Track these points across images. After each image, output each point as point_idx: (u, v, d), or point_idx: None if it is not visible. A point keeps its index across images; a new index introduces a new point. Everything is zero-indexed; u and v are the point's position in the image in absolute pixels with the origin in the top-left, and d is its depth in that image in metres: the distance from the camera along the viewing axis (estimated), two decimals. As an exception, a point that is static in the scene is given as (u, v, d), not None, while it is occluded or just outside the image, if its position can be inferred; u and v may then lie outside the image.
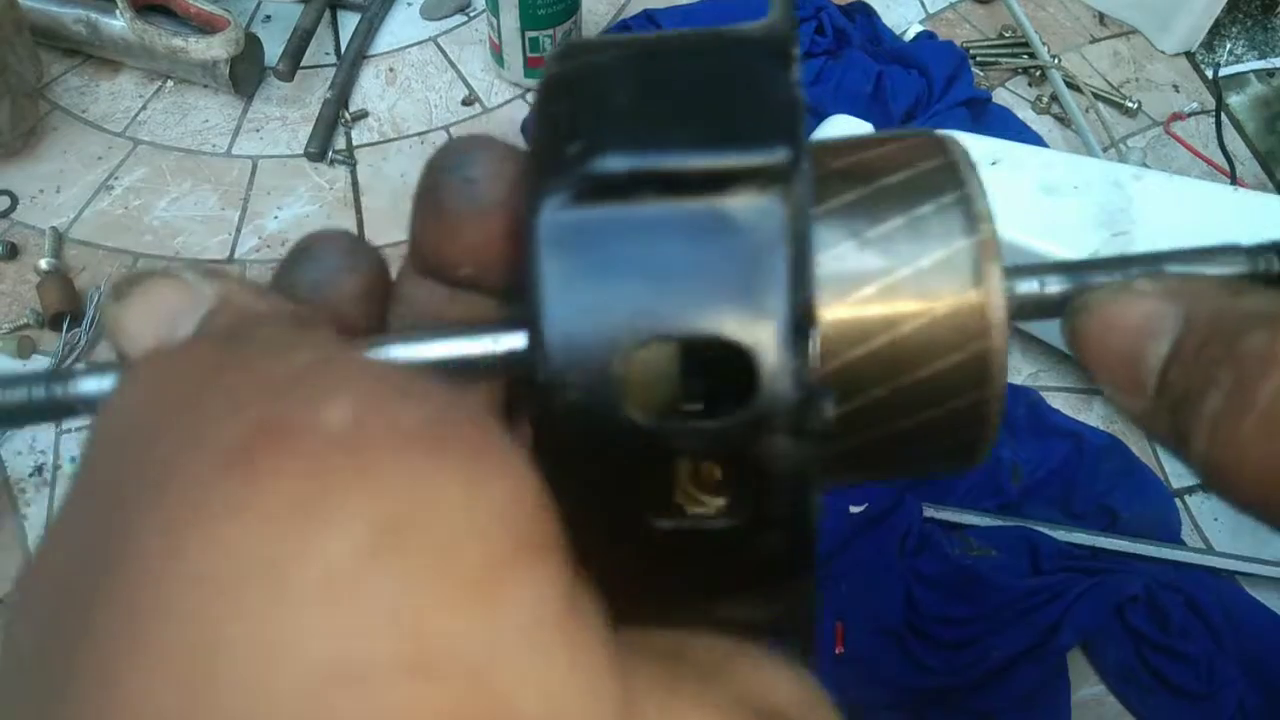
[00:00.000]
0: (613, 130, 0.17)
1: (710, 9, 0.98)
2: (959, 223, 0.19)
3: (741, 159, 0.16)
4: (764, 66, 0.18)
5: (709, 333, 0.16)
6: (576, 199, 0.16)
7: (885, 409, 0.19)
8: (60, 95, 0.99)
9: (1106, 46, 1.06)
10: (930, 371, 0.19)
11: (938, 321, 0.19)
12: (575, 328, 0.16)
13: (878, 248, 0.19)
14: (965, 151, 0.20)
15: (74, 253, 0.88)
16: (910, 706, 0.66)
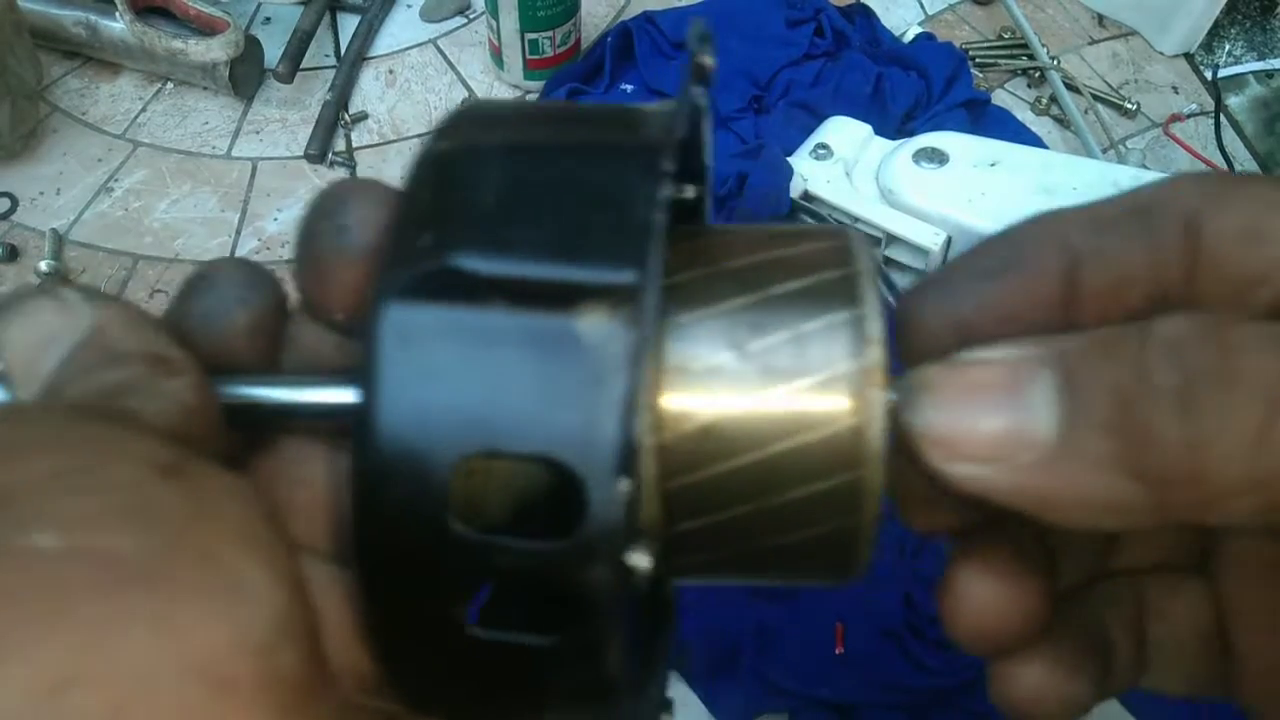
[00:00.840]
0: (470, 228, 0.16)
1: (709, 9, 0.98)
2: (845, 345, 0.18)
3: (591, 276, 0.16)
4: (633, 179, 0.17)
5: (540, 455, 0.15)
6: (424, 294, 0.16)
7: (748, 526, 0.19)
8: (60, 97, 0.99)
9: (1105, 48, 1.06)
10: (798, 495, 0.18)
11: (810, 446, 0.18)
12: (407, 429, 0.15)
13: (757, 361, 0.18)
14: (873, 262, 0.20)
15: (74, 255, 0.88)
16: (910, 706, 0.66)
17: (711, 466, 0.18)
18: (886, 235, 0.80)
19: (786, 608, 0.68)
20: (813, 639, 0.67)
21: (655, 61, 0.95)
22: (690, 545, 0.19)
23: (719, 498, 0.18)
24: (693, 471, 0.18)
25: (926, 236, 0.78)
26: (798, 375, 0.18)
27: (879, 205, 0.80)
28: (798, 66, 0.94)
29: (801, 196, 0.82)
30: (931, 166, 0.79)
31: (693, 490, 0.18)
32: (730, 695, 0.67)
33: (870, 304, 0.18)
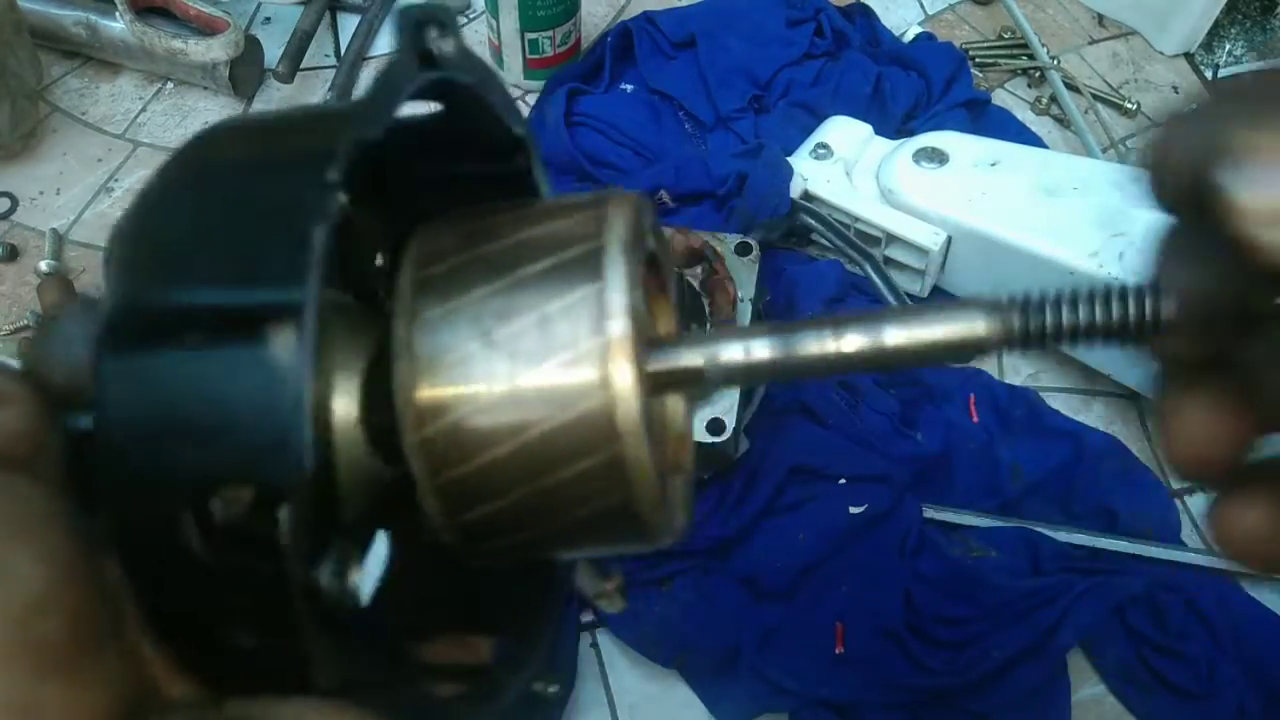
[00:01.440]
0: (156, 269, 0.17)
1: (709, 10, 0.98)
2: (587, 321, 0.18)
3: (273, 297, 0.16)
4: (305, 193, 0.17)
5: (247, 480, 0.16)
6: (131, 342, 0.17)
7: (530, 509, 0.19)
8: (60, 97, 0.99)
9: (1105, 48, 1.06)
10: (566, 475, 0.18)
11: (565, 426, 0.18)
12: (139, 478, 0.16)
13: (504, 349, 0.18)
14: (629, 227, 0.19)
15: (74, 254, 0.88)
16: (910, 706, 0.66)
17: (477, 457, 0.18)
18: (886, 235, 0.80)
19: (786, 608, 0.68)
20: (813, 639, 0.67)
21: (655, 61, 0.95)
22: (483, 532, 0.20)
23: (492, 486, 0.19)
24: (461, 463, 0.19)
25: (926, 236, 0.78)
26: (545, 358, 0.18)
27: (879, 205, 0.80)
28: (798, 66, 0.94)
29: (801, 196, 0.82)
30: (931, 166, 0.79)
31: (465, 481, 0.19)
32: (730, 695, 0.67)
33: (614, 275, 0.18)
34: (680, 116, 0.92)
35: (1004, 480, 0.75)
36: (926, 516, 0.72)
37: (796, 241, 0.86)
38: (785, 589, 0.68)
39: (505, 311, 0.18)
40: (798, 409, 0.74)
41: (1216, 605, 0.70)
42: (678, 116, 0.92)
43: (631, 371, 0.18)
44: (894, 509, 0.71)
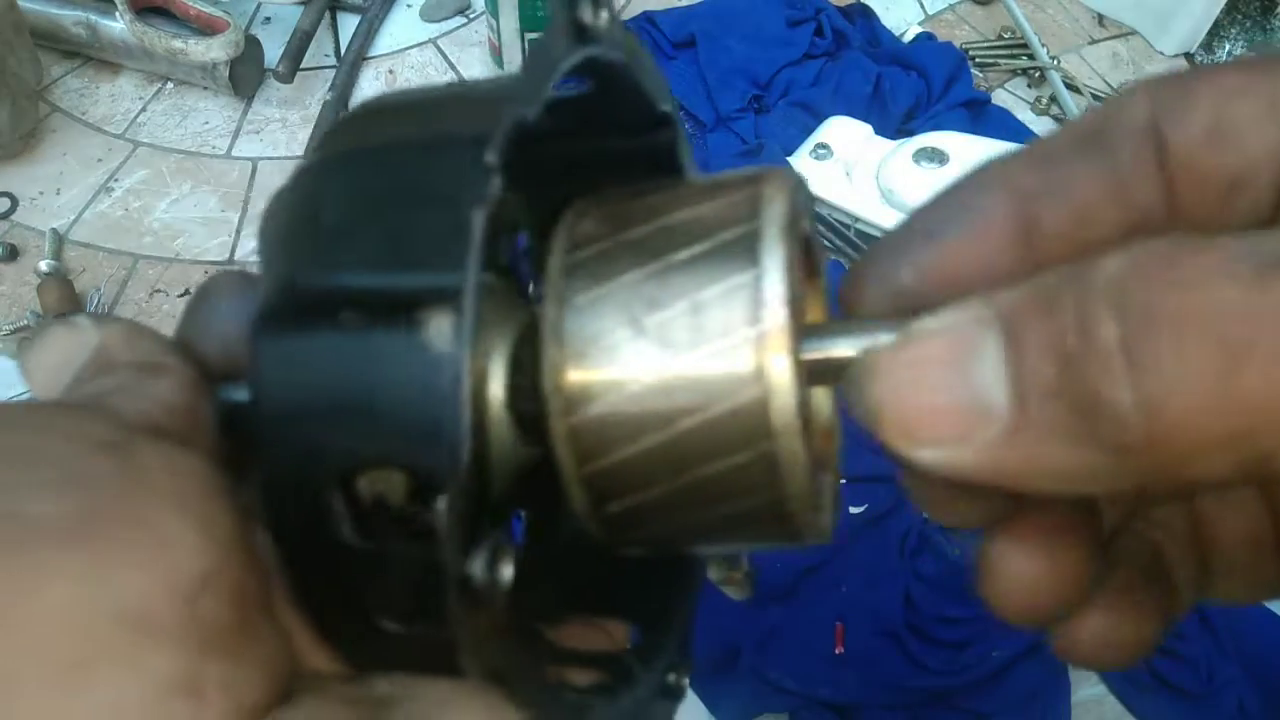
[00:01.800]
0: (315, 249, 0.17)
1: (709, 10, 0.98)
2: (743, 310, 0.17)
3: (429, 281, 0.16)
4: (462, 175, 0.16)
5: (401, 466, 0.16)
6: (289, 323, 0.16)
7: (674, 504, 0.18)
8: (60, 97, 0.99)
9: (1105, 48, 1.06)
10: (714, 471, 0.18)
11: (716, 420, 0.17)
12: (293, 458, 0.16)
13: (655, 336, 0.17)
14: (788, 209, 0.18)
15: (74, 254, 0.88)
16: (910, 706, 0.66)
17: (626, 447, 0.18)
18: (886, 235, 0.80)
19: (786, 608, 0.68)
20: (813, 639, 0.67)
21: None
22: (627, 523, 0.19)
23: (639, 477, 0.18)
24: (609, 453, 0.18)
25: (926, 236, 0.78)
26: (697, 346, 0.17)
27: (879, 205, 0.80)
28: (798, 66, 0.94)
29: (801, 196, 0.82)
30: (931, 166, 0.79)
31: (612, 472, 0.18)
32: (730, 695, 0.67)
33: (771, 262, 0.17)
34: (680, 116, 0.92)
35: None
36: (926, 516, 0.72)
37: (796, 241, 0.86)
38: (785, 589, 0.68)
39: (657, 298, 0.17)
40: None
41: (1216, 605, 0.70)
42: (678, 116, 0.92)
43: (789, 364, 0.17)
44: (894, 509, 0.71)
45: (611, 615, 0.23)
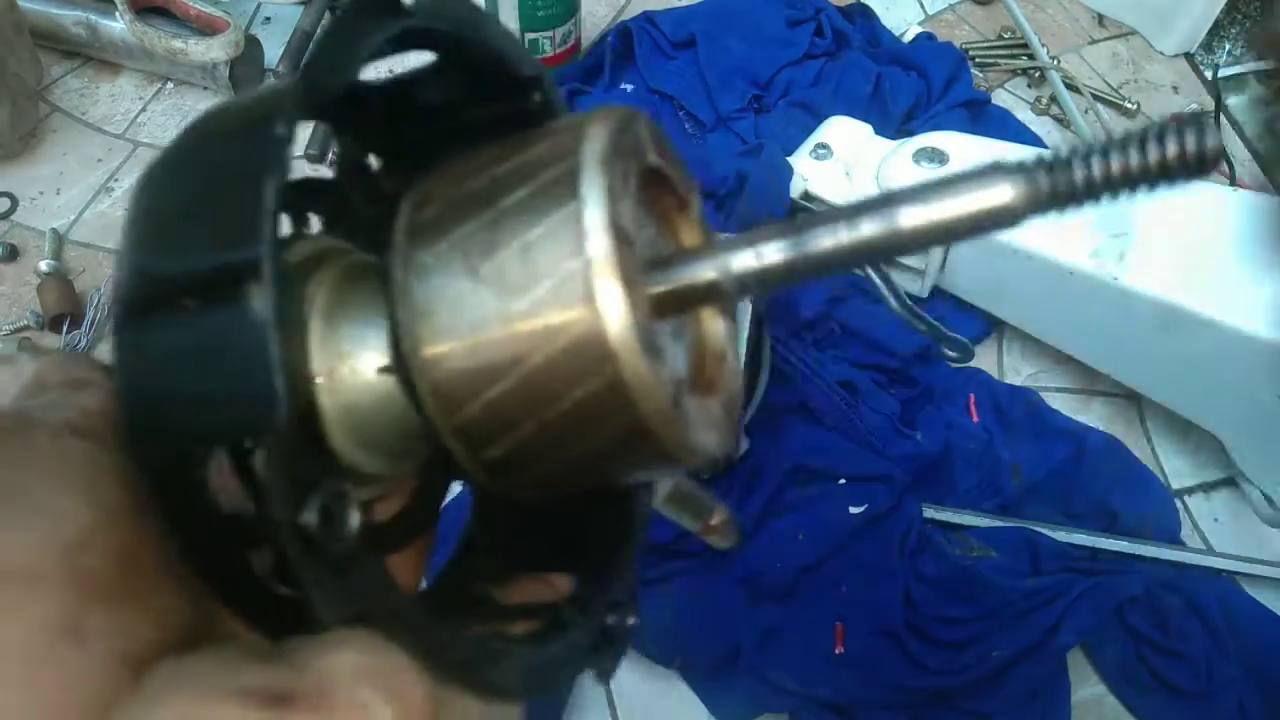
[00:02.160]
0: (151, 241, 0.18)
1: (709, 10, 0.98)
2: (567, 244, 0.18)
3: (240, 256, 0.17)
4: (262, 153, 0.17)
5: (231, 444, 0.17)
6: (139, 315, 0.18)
7: (542, 443, 0.19)
8: (60, 97, 0.99)
9: (1105, 48, 1.06)
10: (570, 403, 0.18)
11: (561, 353, 0.18)
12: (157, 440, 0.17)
13: (492, 283, 0.18)
14: (607, 140, 0.19)
15: (74, 254, 0.88)
16: (910, 706, 0.66)
17: (482, 394, 0.19)
18: (886, 235, 0.80)
19: (786, 608, 0.68)
20: (813, 639, 0.67)
21: (655, 61, 0.95)
22: (506, 467, 0.20)
23: (502, 422, 0.19)
24: (469, 402, 0.19)
25: (926, 236, 0.78)
26: (530, 287, 0.18)
27: (879, 205, 0.80)
28: (798, 66, 0.94)
29: (801, 196, 0.82)
30: (931, 166, 0.79)
31: (478, 420, 0.19)
32: (730, 695, 0.67)
33: (590, 192, 0.18)
34: (680, 116, 0.92)
35: (1004, 480, 0.75)
36: (926, 516, 0.72)
37: (796, 241, 0.86)
38: (785, 589, 0.68)
39: (492, 244, 0.18)
40: (798, 409, 0.74)
41: (1216, 605, 0.70)
42: (678, 116, 0.92)
43: (617, 289, 0.17)
44: (894, 509, 0.71)
45: (554, 569, 0.24)
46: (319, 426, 0.20)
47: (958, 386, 0.78)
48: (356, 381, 0.20)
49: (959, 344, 0.80)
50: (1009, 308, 0.80)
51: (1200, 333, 0.67)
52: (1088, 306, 0.72)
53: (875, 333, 0.77)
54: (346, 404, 0.20)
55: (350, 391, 0.20)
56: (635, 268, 0.18)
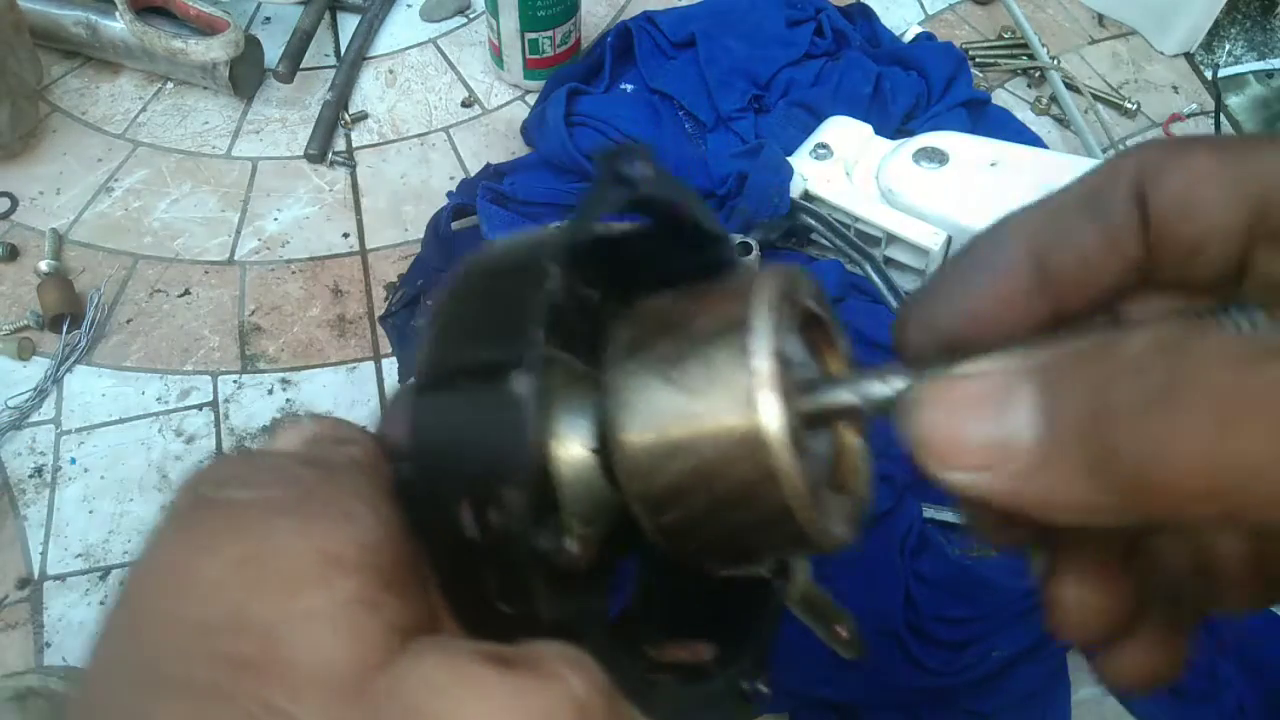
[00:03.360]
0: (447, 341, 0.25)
1: (709, 10, 0.98)
2: (740, 361, 0.23)
3: (509, 353, 0.23)
4: (531, 283, 0.24)
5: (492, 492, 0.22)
6: (428, 390, 0.24)
7: (709, 513, 0.24)
8: (60, 97, 0.99)
9: (1105, 48, 1.06)
10: (733, 482, 0.23)
11: (730, 443, 0.23)
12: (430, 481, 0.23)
13: (680, 387, 0.24)
14: (774, 290, 0.24)
15: (74, 254, 0.88)
16: (910, 706, 0.66)
17: (665, 471, 0.24)
18: (886, 235, 0.80)
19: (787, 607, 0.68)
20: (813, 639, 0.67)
21: (655, 61, 0.95)
22: (680, 533, 0.25)
23: (679, 494, 0.24)
24: (654, 475, 0.24)
25: (926, 236, 0.78)
26: (708, 390, 0.23)
27: (879, 205, 0.80)
28: (798, 66, 0.94)
29: (802, 196, 0.82)
30: (931, 166, 0.79)
31: (660, 491, 0.24)
32: (730, 695, 0.67)
33: (760, 325, 0.24)
34: (680, 116, 0.92)
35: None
36: (926, 516, 0.72)
37: (796, 241, 0.86)
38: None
39: (680, 358, 0.24)
40: (798, 409, 0.74)
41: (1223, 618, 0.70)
42: (678, 116, 0.92)
43: (774, 399, 0.23)
44: (894, 509, 0.71)
45: (700, 639, 0.30)
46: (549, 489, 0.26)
47: (958, 386, 0.78)
48: (568, 456, 0.26)
49: (959, 344, 0.80)
50: (1009, 308, 0.80)
51: (1200, 333, 0.67)
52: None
53: (875, 333, 0.77)
54: (571, 474, 0.26)
55: (563, 464, 0.26)
56: (791, 385, 0.23)
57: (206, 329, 0.84)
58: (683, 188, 0.29)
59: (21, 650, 0.68)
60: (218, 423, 0.78)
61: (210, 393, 0.80)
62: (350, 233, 0.90)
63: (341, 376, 0.81)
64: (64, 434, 0.78)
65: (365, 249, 0.89)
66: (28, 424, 0.78)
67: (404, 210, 0.91)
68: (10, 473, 0.76)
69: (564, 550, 0.24)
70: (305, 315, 0.85)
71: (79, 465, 0.76)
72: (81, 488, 0.75)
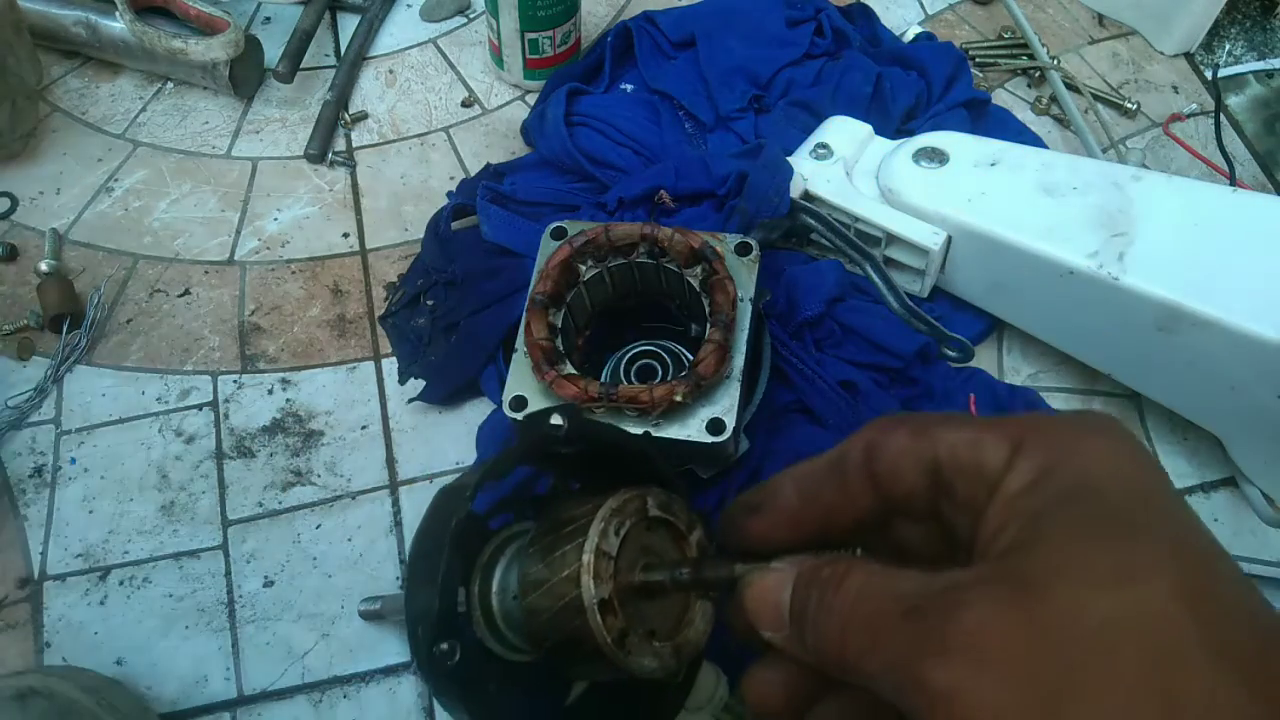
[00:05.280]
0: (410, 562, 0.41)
1: (709, 10, 0.98)
2: (577, 554, 0.36)
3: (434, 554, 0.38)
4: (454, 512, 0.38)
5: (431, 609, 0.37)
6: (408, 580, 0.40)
7: (566, 645, 0.37)
8: (60, 97, 0.99)
9: (1105, 48, 1.06)
10: (572, 628, 0.36)
11: (570, 603, 0.36)
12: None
13: (549, 567, 0.37)
14: (606, 510, 0.37)
15: (74, 254, 0.88)
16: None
17: (542, 615, 0.37)
18: (886, 235, 0.80)
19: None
20: None
21: (655, 61, 0.95)
22: (555, 652, 0.38)
23: (549, 629, 0.37)
24: (538, 617, 0.37)
25: (926, 236, 0.78)
26: (564, 570, 0.36)
27: (879, 205, 0.80)
28: (798, 66, 0.94)
29: (802, 196, 0.82)
30: (931, 166, 0.79)
31: (540, 627, 0.37)
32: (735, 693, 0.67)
33: (592, 532, 0.36)
34: (680, 116, 0.92)
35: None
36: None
37: (796, 241, 0.86)
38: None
39: (552, 549, 0.37)
40: (797, 409, 0.74)
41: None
42: (678, 116, 0.92)
43: (590, 579, 0.36)
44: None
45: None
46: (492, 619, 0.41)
47: (958, 386, 0.78)
48: (509, 599, 0.40)
49: (959, 344, 0.80)
50: (1009, 308, 0.80)
51: (1200, 333, 0.67)
52: (1088, 306, 0.73)
53: (875, 333, 0.77)
54: (506, 608, 0.40)
55: (508, 603, 0.40)
56: (608, 570, 0.36)
57: (206, 329, 0.84)
58: (597, 428, 0.42)
59: (21, 650, 0.68)
60: (218, 423, 0.78)
61: (210, 393, 0.80)
62: (350, 233, 0.90)
63: (341, 376, 0.81)
64: (64, 434, 0.78)
65: (365, 249, 0.89)
66: (28, 424, 0.78)
67: (404, 210, 0.91)
68: (10, 473, 0.76)
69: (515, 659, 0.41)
70: (305, 315, 0.85)
71: (79, 465, 0.76)
72: (81, 488, 0.75)
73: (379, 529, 0.74)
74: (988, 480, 0.28)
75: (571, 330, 0.70)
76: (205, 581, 0.71)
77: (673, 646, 0.37)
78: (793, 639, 0.31)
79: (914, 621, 0.26)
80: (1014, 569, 0.25)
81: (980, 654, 0.24)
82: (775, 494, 0.34)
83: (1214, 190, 0.74)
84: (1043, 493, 0.27)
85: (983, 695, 0.24)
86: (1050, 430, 0.28)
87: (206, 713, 0.66)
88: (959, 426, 0.30)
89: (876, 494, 0.32)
